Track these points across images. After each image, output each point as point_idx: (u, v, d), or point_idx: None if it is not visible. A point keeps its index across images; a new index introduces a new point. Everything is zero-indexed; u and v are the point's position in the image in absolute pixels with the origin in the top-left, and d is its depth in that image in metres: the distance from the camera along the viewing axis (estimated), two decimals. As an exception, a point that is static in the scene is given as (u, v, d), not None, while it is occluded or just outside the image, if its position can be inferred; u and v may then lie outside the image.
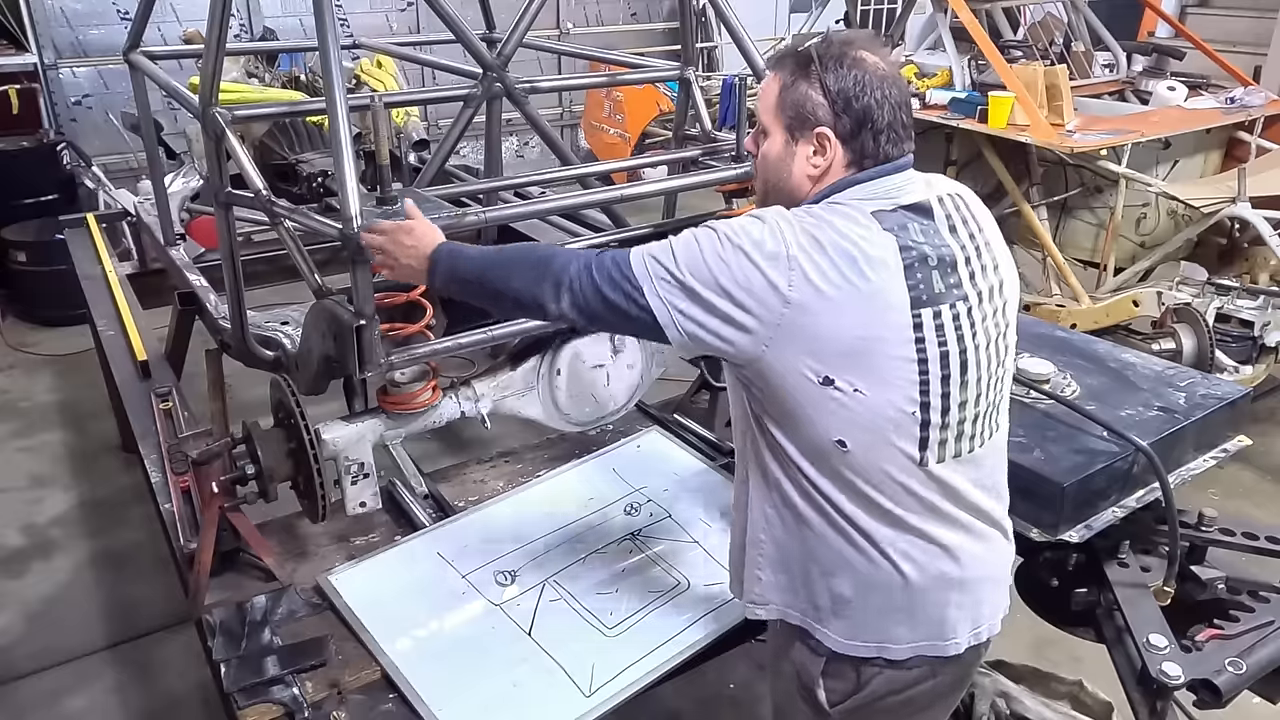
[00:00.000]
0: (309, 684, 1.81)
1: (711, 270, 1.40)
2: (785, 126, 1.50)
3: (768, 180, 1.56)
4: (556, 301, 1.50)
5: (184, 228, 3.74)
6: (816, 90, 1.45)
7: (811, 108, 1.46)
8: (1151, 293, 4.37)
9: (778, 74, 1.51)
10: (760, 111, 1.54)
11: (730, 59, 9.57)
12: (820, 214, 1.44)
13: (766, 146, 1.54)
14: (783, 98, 1.49)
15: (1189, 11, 10.07)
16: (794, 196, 1.52)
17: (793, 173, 1.51)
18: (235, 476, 2.02)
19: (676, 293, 1.42)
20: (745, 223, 1.42)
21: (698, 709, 2.91)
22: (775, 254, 1.38)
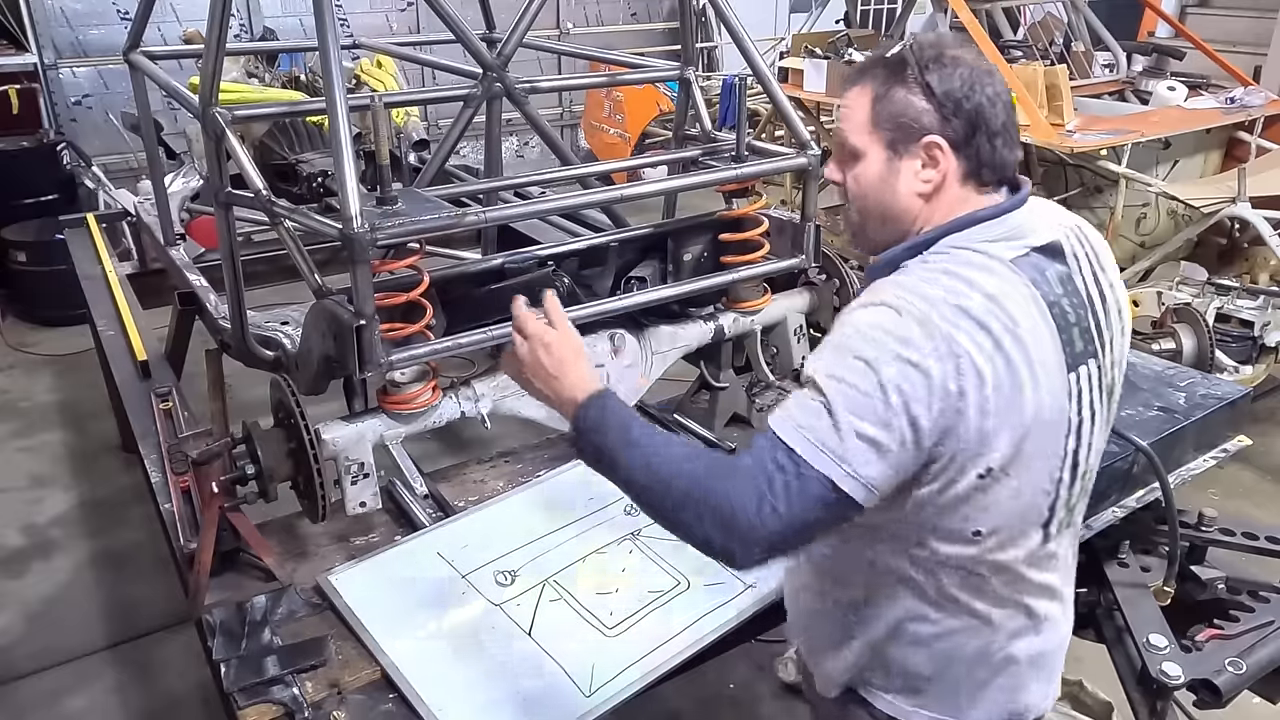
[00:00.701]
0: (309, 684, 1.81)
1: (877, 411, 1.18)
2: (886, 142, 1.32)
3: (867, 208, 1.37)
4: (745, 556, 1.24)
5: (184, 228, 3.75)
6: (918, 94, 1.29)
7: (915, 115, 1.29)
8: (1151, 293, 4.37)
9: (866, 85, 1.34)
10: (847, 132, 1.36)
11: (730, 59, 9.59)
12: (956, 271, 1.25)
13: (861, 170, 1.36)
14: (877, 110, 1.32)
15: (1189, 11, 10.08)
16: (903, 222, 1.35)
17: (898, 194, 1.33)
18: (235, 476, 2.02)
19: (861, 457, 1.19)
20: (884, 324, 1.20)
21: (698, 709, 2.92)
22: (933, 352, 1.18)
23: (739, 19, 2.77)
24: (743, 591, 2.02)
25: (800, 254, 2.51)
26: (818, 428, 1.20)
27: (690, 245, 2.51)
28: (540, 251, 2.38)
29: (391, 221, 1.86)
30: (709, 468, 1.27)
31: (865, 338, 1.21)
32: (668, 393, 3.05)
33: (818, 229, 2.52)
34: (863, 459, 1.19)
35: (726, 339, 2.61)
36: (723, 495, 1.22)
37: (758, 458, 1.23)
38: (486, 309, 2.25)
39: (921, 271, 1.28)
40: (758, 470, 1.22)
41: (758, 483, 1.21)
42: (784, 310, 2.63)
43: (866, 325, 1.23)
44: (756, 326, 2.61)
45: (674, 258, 2.50)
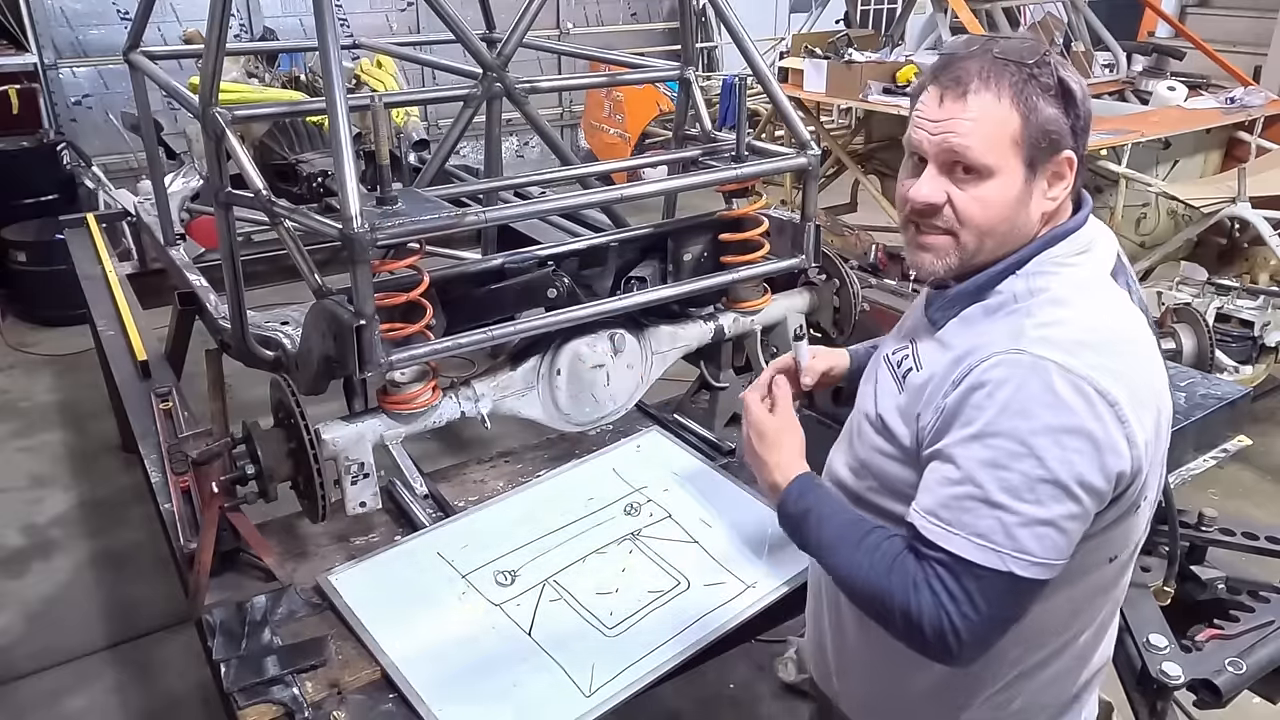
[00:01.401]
0: (309, 684, 1.81)
1: (1066, 493, 1.13)
2: (1027, 160, 1.18)
3: (991, 232, 1.22)
4: (947, 658, 1.19)
5: (184, 228, 3.75)
6: (1055, 104, 1.18)
7: (1057, 129, 1.18)
8: (1151, 293, 4.37)
9: (1000, 90, 1.17)
10: (976, 147, 1.18)
11: (730, 59, 9.59)
12: (1085, 308, 1.19)
13: (990, 192, 1.20)
14: (1027, 124, 1.17)
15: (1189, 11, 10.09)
16: (1019, 243, 1.24)
17: (1030, 216, 1.22)
18: (235, 476, 2.02)
19: (1052, 543, 1.14)
20: (1029, 407, 1.12)
21: (698, 709, 2.92)
22: (1108, 426, 1.12)
23: (739, 19, 2.77)
24: (743, 591, 2.03)
25: (800, 254, 2.51)
26: (1041, 534, 1.15)
27: (690, 245, 2.51)
28: (540, 251, 2.38)
29: (391, 221, 1.86)
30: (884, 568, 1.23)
31: (1050, 435, 1.13)
32: (668, 393, 3.05)
33: (818, 229, 2.52)
34: (1056, 539, 1.15)
35: (726, 339, 2.61)
36: (905, 602, 1.19)
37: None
38: (486, 309, 2.25)
39: (1057, 324, 1.18)
40: (953, 589, 1.17)
41: (950, 592, 1.17)
42: (784, 310, 2.63)
43: (1046, 413, 1.13)
44: (756, 326, 2.61)
45: (674, 258, 2.51)
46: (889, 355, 1.38)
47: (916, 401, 1.27)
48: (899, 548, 1.23)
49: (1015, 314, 1.22)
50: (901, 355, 1.35)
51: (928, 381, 1.26)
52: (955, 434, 1.18)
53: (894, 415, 1.31)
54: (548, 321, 2.23)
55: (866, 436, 1.37)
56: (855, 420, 1.44)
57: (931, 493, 1.19)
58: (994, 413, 1.14)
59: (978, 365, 1.18)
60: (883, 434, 1.32)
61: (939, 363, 1.26)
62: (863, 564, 1.24)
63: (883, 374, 1.37)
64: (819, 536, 1.31)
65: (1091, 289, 1.23)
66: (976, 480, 1.14)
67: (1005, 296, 1.25)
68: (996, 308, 1.25)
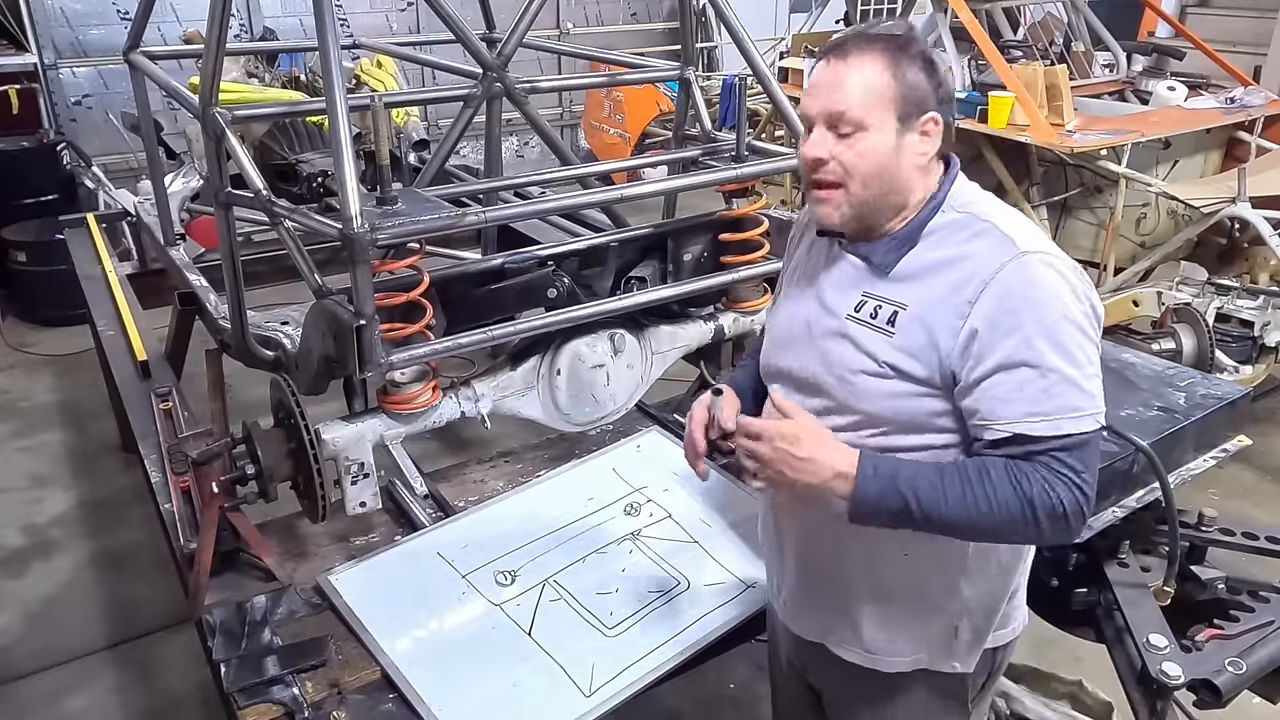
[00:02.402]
0: (309, 684, 1.81)
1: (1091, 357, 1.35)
2: (898, 115, 1.36)
3: (869, 182, 1.39)
4: (1081, 529, 1.37)
5: (184, 228, 3.75)
6: (922, 72, 1.36)
7: (923, 90, 1.37)
8: (1151, 293, 4.37)
9: (875, 56, 1.36)
10: (851, 104, 1.35)
11: (730, 59, 9.58)
12: (1021, 217, 1.41)
13: (866, 143, 1.37)
14: (894, 83, 1.35)
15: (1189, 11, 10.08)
16: (902, 194, 1.41)
17: (901, 168, 1.39)
18: (235, 476, 2.02)
19: (1101, 389, 1.35)
20: (1056, 293, 1.32)
21: (698, 709, 2.91)
22: (1092, 293, 1.37)
23: (739, 19, 2.78)
24: (743, 591, 2.03)
25: (800, 254, 2.51)
26: (1082, 389, 1.34)
27: (690, 245, 2.51)
28: (540, 251, 2.38)
29: (391, 221, 1.86)
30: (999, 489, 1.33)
31: (1069, 313, 1.33)
32: (668, 393, 3.05)
33: (818, 229, 2.51)
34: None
35: (726, 339, 2.61)
36: (1023, 511, 1.32)
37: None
38: (486, 309, 2.25)
39: (1013, 226, 1.38)
40: (1059, 481, 1.33)
41: (1059, 492, 1.32)
42: (784, 310, 2.63)
43: (1060, 301, 1.33)
44: (756, 326, 2.61)
45: (674, 258, 2.51)
46: (851, 314, 1.45)
47: (922, 333, 1.37)
48: (1002, 466, 1.33)
49: (984, 233, 1.38)
50: (871, 307, 1.43)
51: (929, 312, 1.37)
52: (1009, 341, 1.31)
53: (900, 355, 1.39)
54: (548, 321, 2.23)
55: (869, 389, 1.42)
56: (824, 387, 1.47)
57: (1015, 398, 1.31)
58: (1035, 309, 1.31)
59: (993, 277, 1.33)
60: (896, 377, 1.39)
61: (929, 295, 1.38)
62: (981, 497, 1.32)
63: (857, 331, 1.43)
64: (917, 498, 1.34)
65: (1003, 204, 1.44)
66: (1050, 367, 1.30)
67: (948, 230, 1.41)
68: (946, 238, 1.40)
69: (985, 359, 1.32)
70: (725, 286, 2.52)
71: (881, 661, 1.57)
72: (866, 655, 1.58)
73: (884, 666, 1.57)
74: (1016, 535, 1.37)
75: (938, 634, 1.54)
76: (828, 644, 1.62)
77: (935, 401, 1.39)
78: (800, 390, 1.52)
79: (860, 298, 1.45)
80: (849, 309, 1.45)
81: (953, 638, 1.54)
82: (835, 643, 1.61)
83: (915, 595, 1.52)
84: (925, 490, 1.33)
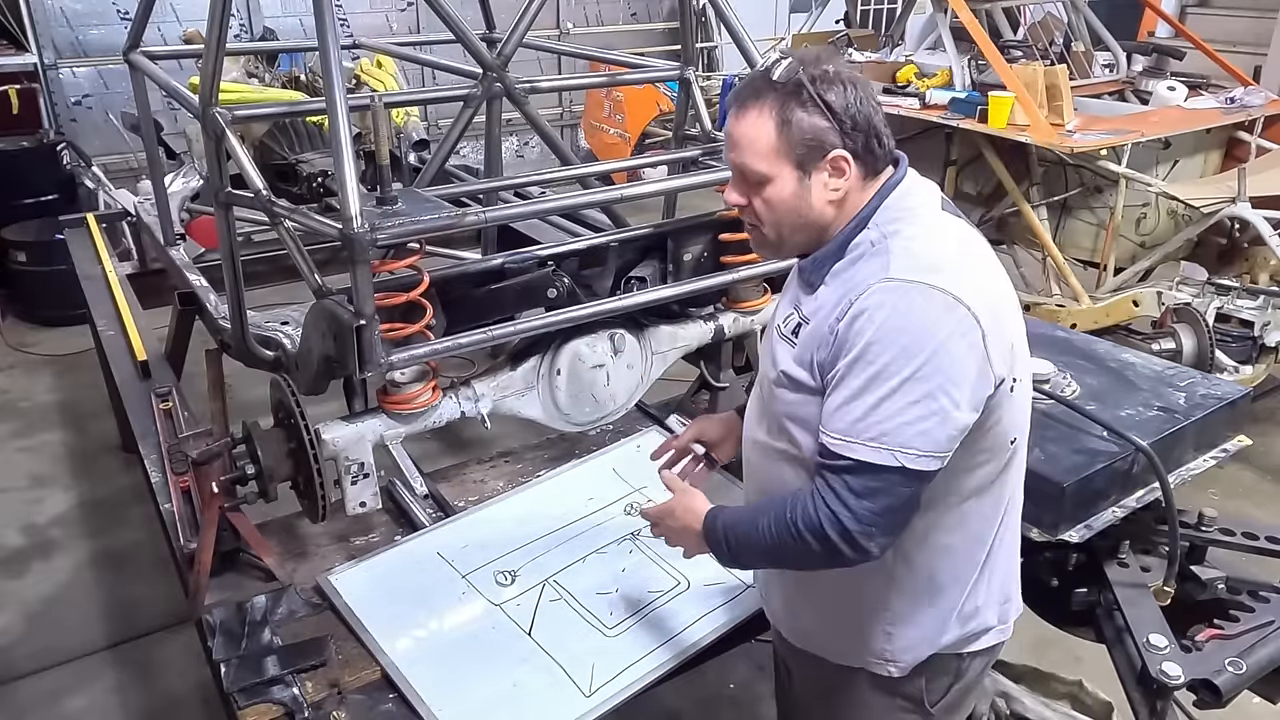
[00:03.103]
0: (309, 684, 1.81)
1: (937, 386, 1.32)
2: (794, 163, 1.39)
3: (781, 225, 1.45)
4: (863, 553, 1.37)
5: (184, 228, 3.75)
6: (818, 114, 1.36)
7: (819, 134, 1.37)
8: (1151, 293, 4.37)
9: (761, 110, 1.38)
10: (749, 160, 1.41)
11: (730, 59, 9.57)
12: (929, 222, 1.42)
13: (771, 193, 1.42)
14: (783, 136, 1.38)
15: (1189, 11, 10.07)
16: (819, 228, 1.45)
17: (813, 206, 1.42)
18: (235, 476, 2.02)
19: (933, 438, 1.33)
20: (904, 320, 1.31)
21: (698, 709, 2.91)
22: (969, 331, 1.32)
23: (739, 19, 2.77)
24: (743, 591, 2.03)
25: (800, 254, 2.51)
26: (910, 431, 1.37)
27: (690, 245, 2.51)
28: (540, 251, 2.38)
29: (391, 221, 1.86)
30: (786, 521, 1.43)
31: (910, 335, 1.34)
32: (668, 393, 3.06)
33: (818, 229, 2.51)
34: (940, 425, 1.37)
35: (726, 339, 2.61)
36: (805, 546, 1.40)
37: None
38: (486, 309, 2.25)
39: (917, 230, 1.40)
40: (848, 500, 1.38)
41: (850, 509, 1.38)
42: (784, 310, 2.63)
43: (910, 317, 1.34)
44: (756, 326, 2.61)
45: (674, 258, 2.51)
46: (780, 325, 1.54)
47: (809, 347, 1.44)
48: (796, 492, 1.42)
49: (877, 254, 1.40)
50: (789, 319, 1.51)
51: (817, 327, 1.43)
52: (844, 359, 1.36)
53: (794, 366, 1.46)
54: (548, 321, 2.23)
55: (779, 397, 1.50)
56: (764, 389, 1.58)
57: (831, 413, 1.37)
58: (874, 332, 1.33)
59: (856, 299, 1.36)
60: (791, 387, 1.47)
61: (820, 310, 1.44)
62: (769, 524, 1.43)
63: (777, 341, 1.53)
64: (735, 540, 1.51)
65: (930, 222, 1.44)
66: (865, 392, 1.33)
67: (863, 247, 1.43)
68: (858, 256, 1.43)
69: (830, 370, 1.39)
70: (725, 286, 2.52)
71: (828, 652, 1.63)
72: (823, 650, 1.64)
73: (831, 658, 1.63)
74: (804, 559, 1.43)
75: (872, 637, 1.56)
76: (781, 631, 1.72)
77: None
78: (760, 389, 1.62)
79: (790, 311, 1.53)
80: (780, 320, 1.55)
81: (886, 643, 1.56)
82: (787, 632, 1.71)
83: (845, 596, 1.56)
84: (739, 530, 1.50)
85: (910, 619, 1.54)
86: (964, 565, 1.54)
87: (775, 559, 1.52)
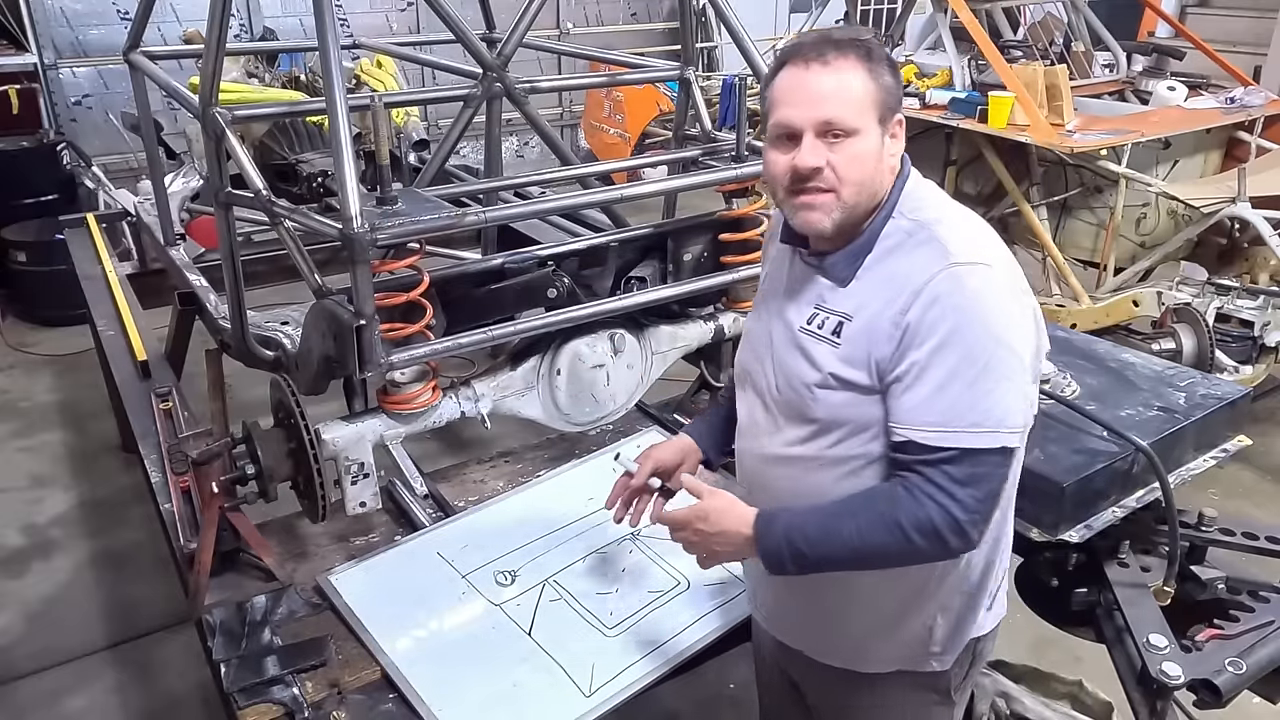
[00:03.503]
0: (309, 684, 1.81)
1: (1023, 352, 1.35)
2: (879, 119, 1.37)
3: (862, 186, 1.39)
4: (969, 543, 1.36)
5: (184, 228, 3.75)
6: (891, 74, 1.37)
7: (895, 93, 1.38)
8: (1151, 293, 4.37)
9: (854, 62, 1.35)
10: (841, 110, 1.35)
11: (730, 59, 9.57)
12: (955, 209, 1.42)
13: (858, 148, 1.37)
14: (872, 87, 1.36)
15: (1189, 11, 10.08)
16: (879, 195, 1.42)
17: (882, 170, 1.40)
18: (235, 476, 2.02)
19: (1022, 412, 1.36)
20: (979, 304, 1.32)
21: (698, 709, 2.91)
22: (1026, 307, 1.38)
23: (739, 19, 2.77)
24: (743, 591, 2.02)
25: (800, 254, 2.51)
26: (1007, 409, 1.37)
27: (690, 245, 2.51)
28: (540, 251, 2.38)
29: (391, 221, 1.86)
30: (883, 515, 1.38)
31: (1000, 317, 1.35)
32: (668, 393, 3.05)
33: (818, 229, 2.51)
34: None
35: (726, 339, 2.61)
36: (905, 539, 1.35)
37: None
38: (486, 309, 2.25)
39: (945, 233, 1.37)
40: (945, 491, 1.36)
41: (942, 503, 1.35)
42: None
43: (990, 300, 1.34)
44: (756, 326, 2.60)
45: (674, 258, 2.51)
46: (805, 326, 1.47)
47: (864, 343, 1.39)
48: (883, 491, 1.37)
49: (925, 242, 1.38)
50: (820, 319, 1.45)
51: (870, 323, 1.38)
52: (922, 349, 1.32)
53: (843, 366, 1.41)
54: (548, 321, 2.23)
55: (822, 400, 1.44)
56: (782, 397, 1.51)
57: (916, 406, 1.33)
58: (954, 318, 1.31)
59: (923, 287, 1.33)
60: (840, 388, 1.42)
61: (872, 305, 1.39)
62: (860, 527, 1.36)
63: (808, 343, 1.46)
64: (807, 541, 1.39)
65: (955, 209, 1.44)
66: (955, 378, 1.30)
67: (896, 236, 1.41)
68: (894, 246, 1.40)
69: (900, 364, 1.35)
70: (725, 286, 2.52)
71: (861, 665, 1.59)
72: (845, 660, 1.60)
73: (864, 668, 1.59)
74: (905, 558, 1.38)
75: (914, 636, 1.55)
76: (806, 651, 1.64)
77: (881, 408, 1.41)
78: (767, 401, 1.55)
79: (813, 310, 1.47)
80: (802, 321, 1.48)
81: (929, 638, 1.55)
82: (814, 650, 1.63)
83: (887, 601, 1.52)
84: (813, 532, 1.39)
85: (955, 609, 1.54)
86: (1002, 547, 1.56)
87: (859, 562, 1.42)
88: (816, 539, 1.39)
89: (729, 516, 1.46)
